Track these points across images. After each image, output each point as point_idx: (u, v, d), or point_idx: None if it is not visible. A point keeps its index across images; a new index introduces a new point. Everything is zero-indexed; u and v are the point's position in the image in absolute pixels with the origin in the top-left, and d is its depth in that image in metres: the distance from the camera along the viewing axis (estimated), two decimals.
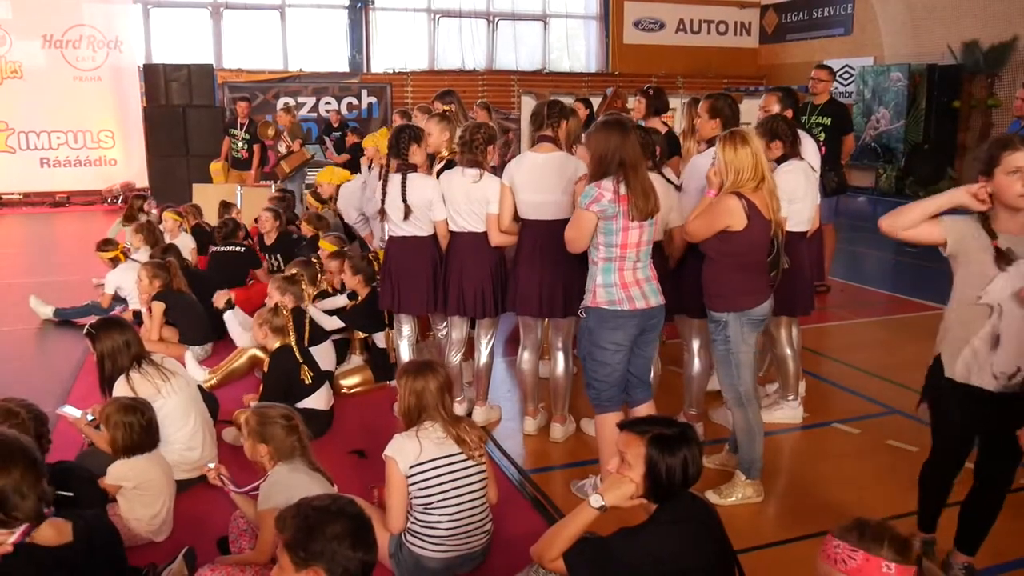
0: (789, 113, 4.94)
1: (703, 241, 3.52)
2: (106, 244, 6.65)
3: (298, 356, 4.36)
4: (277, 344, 4.37)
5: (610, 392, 3.53)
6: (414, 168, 4.36)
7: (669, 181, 4.11)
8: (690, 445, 2.36)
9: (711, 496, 3.57)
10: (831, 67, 7.51)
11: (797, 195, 4.15)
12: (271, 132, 10.02)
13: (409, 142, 4.34)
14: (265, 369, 4.44)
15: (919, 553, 1.86)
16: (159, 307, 5.47)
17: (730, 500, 3.63)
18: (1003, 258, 2.65)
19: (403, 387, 3.06)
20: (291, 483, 2.92)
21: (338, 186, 7.47)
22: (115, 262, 6.46)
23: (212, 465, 3.30)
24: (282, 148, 10.00)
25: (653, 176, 3.88)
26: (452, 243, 4.36)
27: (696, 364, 4.31)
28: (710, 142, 4.13)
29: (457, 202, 4.25)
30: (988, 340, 2.73)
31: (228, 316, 5.18)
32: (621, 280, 3.40)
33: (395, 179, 4.33)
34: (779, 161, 4.18)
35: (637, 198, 3.29)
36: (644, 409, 3.63)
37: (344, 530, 1.99)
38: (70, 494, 2.44)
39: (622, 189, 3.30)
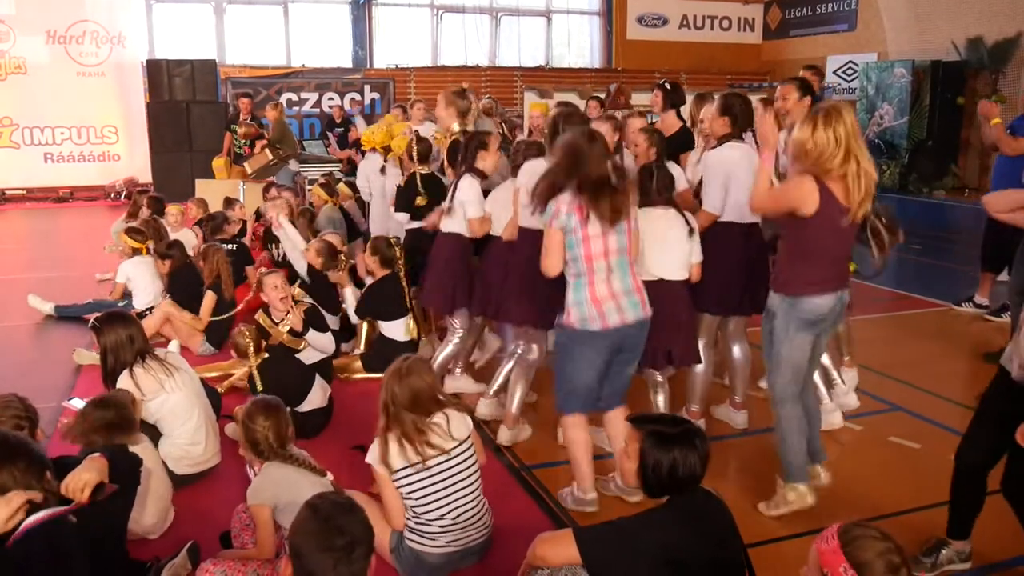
0: (807, 102, 4.91)
1: (779, 217, 3.28)
2: (137, 233, 6.42)
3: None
4: (259, 361, 4.35)
5: (574, 403, 3.45)
6: (477, 172, 4.51)
7: (687, 221, 4.00)
8: (686, 446, 2.33)
9: (763, 507, 3.52)
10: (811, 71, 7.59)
11: None
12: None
13: (476, 149, 4.52)
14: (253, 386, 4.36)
15: None
16: (212, 298, 5.59)
17: (782, 510, 3.48)
18: None
19: (385, 388, 2.98)
20: (279, 480, 2.96)
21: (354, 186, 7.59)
22: (135, 252, 6.34)
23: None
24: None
25: (668, 214, 3.89)
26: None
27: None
28: (720, 140, 4.16)
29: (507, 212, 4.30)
30: (1021, 330, 2.83)
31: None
32: (592, 295, 3.26)
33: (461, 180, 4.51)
34: None
35: (597, 206, 3.18)
36: (615, 414, 3.54)
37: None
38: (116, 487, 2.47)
39: (578, 200, 3.21)
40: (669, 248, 3.89)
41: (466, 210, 4.50)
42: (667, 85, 5.59)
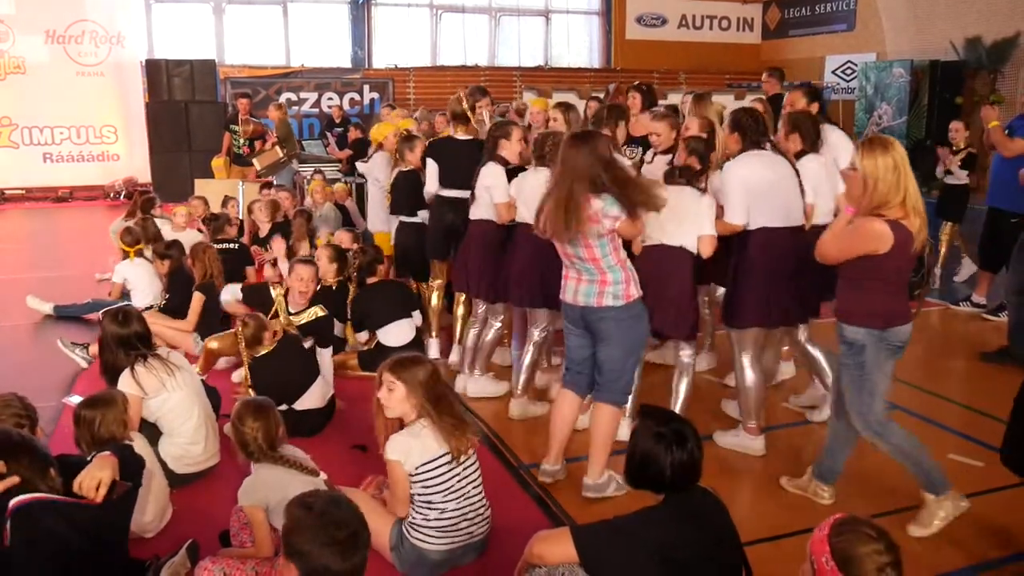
0: (815, 107, 4.95)
1: (840, 263, 3.24)
2: (128, 235, 6.41)
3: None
4: (253, 358, 4.36)
5: (568, 372, 3.71)
6: (500, 160, 4.63)
7: (701, 190, 4.07)
8: (662, 445, 2.37)
9: (913, 529, 3.37)
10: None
11: (821, 189, 4.25)
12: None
13: (498, 139, 4.66)
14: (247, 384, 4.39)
15: None
16: (200, 299, 5.56)
17: (934, 528, 3.35)
18: None
19: (409, 385, 3.00)
20: (270, 481, 2.98)
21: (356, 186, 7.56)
22: (126, 256, 6.37)
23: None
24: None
25: (679, 188, 3.94)
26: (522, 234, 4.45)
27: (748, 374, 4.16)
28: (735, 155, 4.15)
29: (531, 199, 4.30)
30: None
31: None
32: (565, 272, 3.60)
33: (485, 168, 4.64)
34: (798, 156, 4.27)
35: (547, 219, 3.40)
36: (600, 409, 3.64)
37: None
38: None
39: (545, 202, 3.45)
40: (671, 215, 3.84)
41: (492, 196, 4.58)
42: (643, 87, 5.89)
